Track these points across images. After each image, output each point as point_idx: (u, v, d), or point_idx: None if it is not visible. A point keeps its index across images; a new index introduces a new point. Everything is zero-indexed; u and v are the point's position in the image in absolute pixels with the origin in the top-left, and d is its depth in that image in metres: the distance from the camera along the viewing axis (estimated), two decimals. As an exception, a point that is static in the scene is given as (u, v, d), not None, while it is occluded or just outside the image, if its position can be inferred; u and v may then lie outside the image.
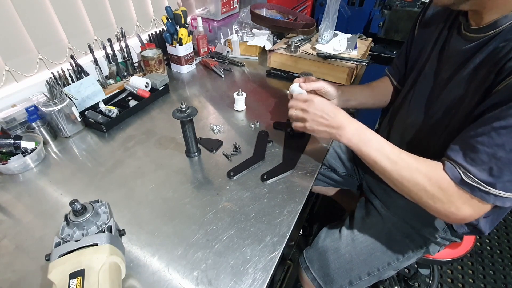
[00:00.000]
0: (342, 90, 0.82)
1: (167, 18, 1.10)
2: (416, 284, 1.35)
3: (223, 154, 0.79)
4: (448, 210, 0.52)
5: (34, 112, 0.82)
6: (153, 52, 1.10)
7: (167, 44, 1.15)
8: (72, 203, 0.47)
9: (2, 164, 0.72)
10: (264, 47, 1.27)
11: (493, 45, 0.52)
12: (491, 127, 0.46)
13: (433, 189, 0.52)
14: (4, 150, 0.75)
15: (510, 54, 0.48)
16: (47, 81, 0.82)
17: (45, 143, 0.84)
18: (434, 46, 0.67)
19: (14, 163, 0.73)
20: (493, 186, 0.47)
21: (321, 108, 0.62)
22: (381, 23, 1.66)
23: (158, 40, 1.24)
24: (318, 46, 1.11)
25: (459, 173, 0.49)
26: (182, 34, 1.11)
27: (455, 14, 0.63)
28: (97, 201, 0.52)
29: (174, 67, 1.23)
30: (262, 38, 1.28)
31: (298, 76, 0.82)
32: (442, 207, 0.52)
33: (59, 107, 0.81)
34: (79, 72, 0.97)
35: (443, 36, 0.65)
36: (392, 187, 0.59)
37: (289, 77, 1.13)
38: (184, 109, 0.69)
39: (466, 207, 0.50)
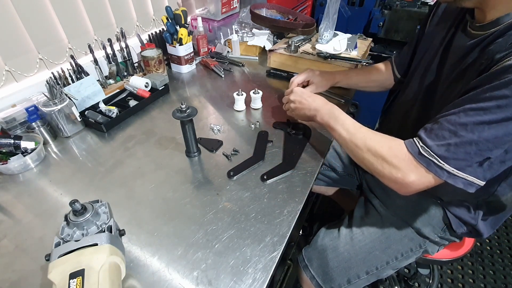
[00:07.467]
0: (334, 76, 0.94)
1: (167, 18, 1.10)
2: (416, 284, 1.35)
3: (223, 154, 0.79)
4: (396, 175, 0.55)
5: (34, 112, 0.82)
6: (153, 52, 1.10)
7: (167, 44, 1.15)
8: (72, 203, 0.47)
9: (2, 164, 0.72)
10: (264, 47, 1.27)
11: (489, 40, 0.53)
12: (462, 108, 0.48)
13: (385, 154, 0.56)
14: (4, 150, 0.75)
15: (502, 47, 0.48)
16: (47, 81, 0.82)
17: (45, 143, 0.84)
18: (441, 44, 0.68)
19: (14, 163, 0.73)
20: (447, 161, 0.49)
21: (300, 95, 0.77)
22: (381, 23, 1.66)
23: (158, 40, 1.24)
24: (318, 46, 1.12)
25: (418, 147, 0.53)
26: (182, 34, 1.11)
27: (464, 12, 0.64)
28: (97, 201, 0.52)
29: (174, 67, 1.23)
30: (262, 38, 1.28)
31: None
32: (389, 172, 0.56)
33: (59, 107, 0.81)
34: (79, 72, 0.97)
35: (450, 33, 0.66)
36: (352, 157, 0.65)
37: (289, 77, 1.12)
38: (184, 109, 0.69)
39: (412, 175, 0.53)
